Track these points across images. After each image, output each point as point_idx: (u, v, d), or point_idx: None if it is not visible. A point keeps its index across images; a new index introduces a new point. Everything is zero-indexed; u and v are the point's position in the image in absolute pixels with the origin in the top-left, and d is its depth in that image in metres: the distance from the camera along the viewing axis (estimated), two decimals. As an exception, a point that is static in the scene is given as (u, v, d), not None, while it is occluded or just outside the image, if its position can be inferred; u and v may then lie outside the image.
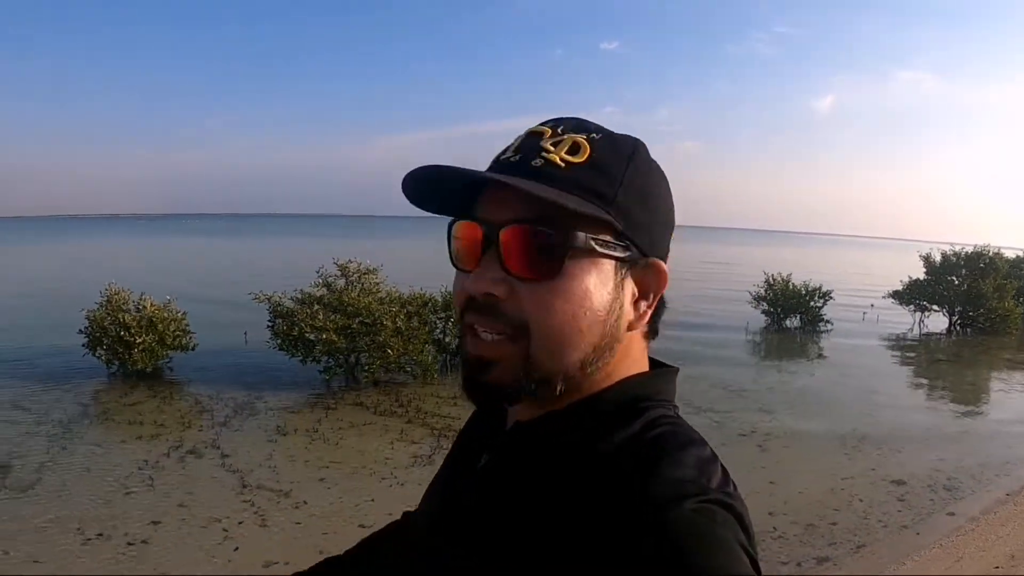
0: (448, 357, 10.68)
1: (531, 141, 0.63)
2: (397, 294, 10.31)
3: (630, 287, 0.63)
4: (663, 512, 0.50)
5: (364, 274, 10.39)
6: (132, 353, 9.37)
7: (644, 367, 0.67)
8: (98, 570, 5.12)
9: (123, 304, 9.80)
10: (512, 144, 0.64)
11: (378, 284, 10.37)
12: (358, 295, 9.78)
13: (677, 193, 0.68)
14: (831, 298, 16.36)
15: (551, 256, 0.58)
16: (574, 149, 0.61)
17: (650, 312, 0.66)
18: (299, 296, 10.03)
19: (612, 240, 0.60)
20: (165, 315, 9.69)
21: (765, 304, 16.58)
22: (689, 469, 0.55)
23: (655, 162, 0.66)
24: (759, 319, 17.02)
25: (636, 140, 0.66)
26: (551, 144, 0.61)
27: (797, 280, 16.73)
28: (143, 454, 7.27)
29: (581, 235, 0.58)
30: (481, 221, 0.61)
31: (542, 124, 0.65)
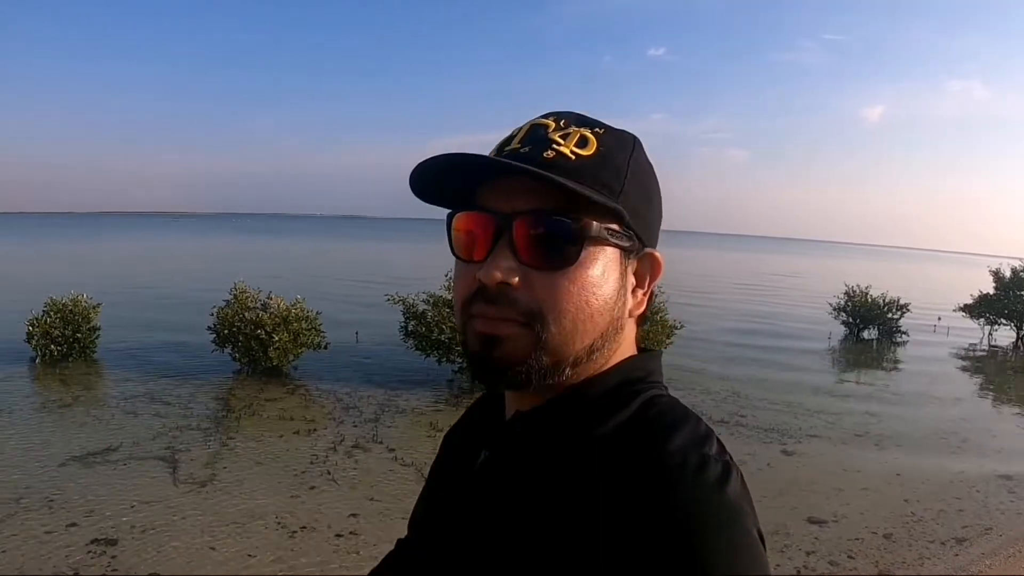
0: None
1: (538, 132, 0.63)
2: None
3: (631, 276, 0.66)
4: (672, 485, 0.52)
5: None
6: (268, 351, 9.09)
7: (634, 351, 0.68)
8: (324, 561, 4.69)
9: (250, 302, 9.55)
10: (516, 134, 0.65)
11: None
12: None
13: (725, 201, 0.54)
14: (908, 310, 16.39)
15: (567, 245, 0.60)
16: (582, 142, 0.62)
17: (646, 300, 0.68)
18: (429, 298, 9.69)
19: (620, 230, 0.62)
20: (298, 313, 9.39)
21: (844, 315, 16.61)
22: (690, 441, 0.56)
23: (647, 157, 0.68)
24: (838, 330, 16.75)
25: (634, 136, 0.67)
26: (559, 136, 0.62)
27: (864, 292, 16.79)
28: (308, 448, 6.86)
29: (595, 224, 0.60)
30: (491, 211, 0.62)
31: (544, 116, 0.65)
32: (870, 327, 16.32)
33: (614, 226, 0.61)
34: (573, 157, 0.61)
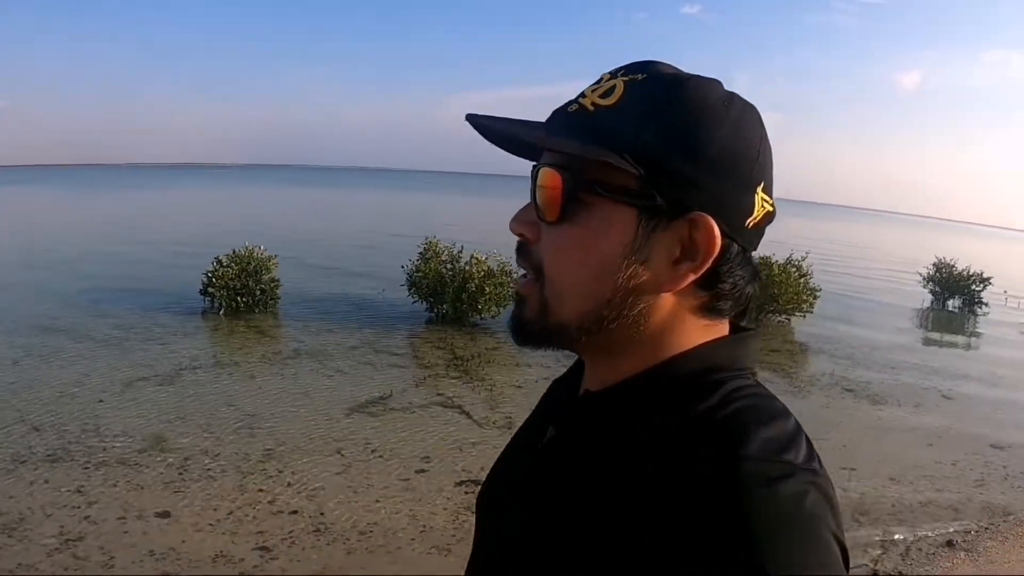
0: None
1: (590, 86, 0.60)
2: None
3: (666, 244, 0.55)
4: (746, 496, 0.46)
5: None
6: (478, 303, 8.96)
7: (708, 335, 0.59)
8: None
9: (440, 255, 9.41)
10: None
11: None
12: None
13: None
14: (991, 283, 16.44)
15: (564, 200, 0.56)
16: (608, 92, 0.57)
17: (693, 276, 0.55)
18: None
19: (633, 187, 0.54)
20: (503, 268, 9.18)
21: (933, 284, 16.82)
22: (772, 445, 0.50)
23: (727, 103, 0.56)
24: (918, 302, 16.61)
25: (697, 78, 0.57)
26: (592, 89, 0.59)
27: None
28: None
29: (588, 180, 0.55)
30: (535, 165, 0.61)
31: (611, 71, 0.60)
32: (955, 297, 16.55)
33: (623, 183, 0.54)
34: (591, 109, 0.57)
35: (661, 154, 0.53)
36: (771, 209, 0.58)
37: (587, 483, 0.54)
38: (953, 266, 16.89)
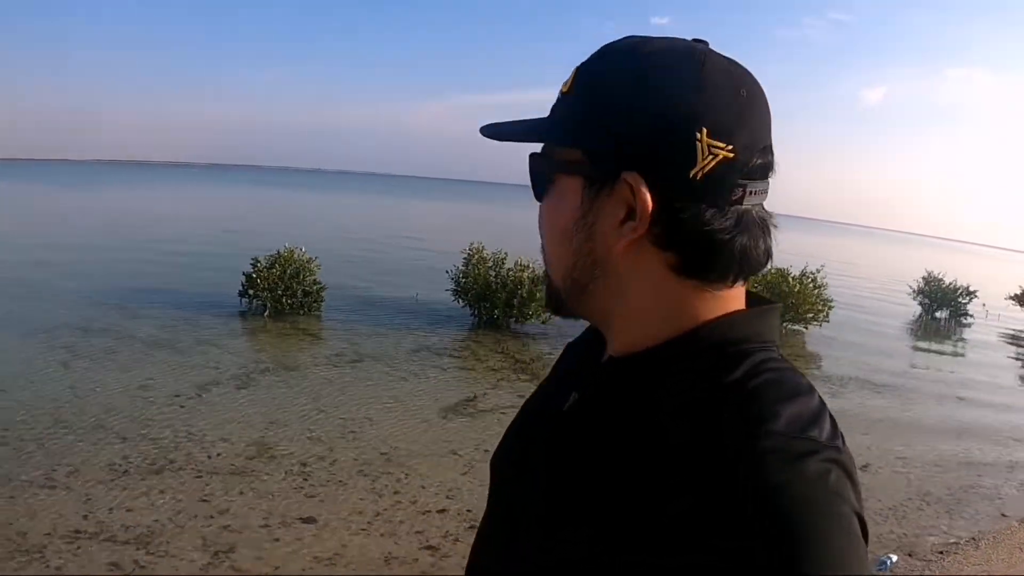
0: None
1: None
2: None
3: (611, 208, 0.56)
4: (771, 471, 0.46)
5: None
6: (526, 309, 9.03)
7: (720, 306, 0.57)
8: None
9: (484, 262, 9.42)
10: None
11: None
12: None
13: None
14: (976, 296, 17.34)
15: (535, 180, 0.62)
16: (568, 81, 0.60)
17: (634, 235, 0.55)
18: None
19: (577, 159, 0.58)
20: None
21: (922, 297, 17.59)
22: (798, 421, 0.49)
23: (650, 56, 0.55)
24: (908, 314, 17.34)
25: (629, 41, 0.58)
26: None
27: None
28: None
29: (546, 159, 0.61)
30: None
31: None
32: (942, 308, 17.40)
33: (571, 156, 0.58)
34: (558, 98, 0.60)
35: (591, 125, 0.56)
36: (728, 155, 0.53)
37: (610, 449, 0.54)
38: (941, 280, 17.76)
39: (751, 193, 0.55)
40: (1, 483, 4.16)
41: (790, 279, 10.96)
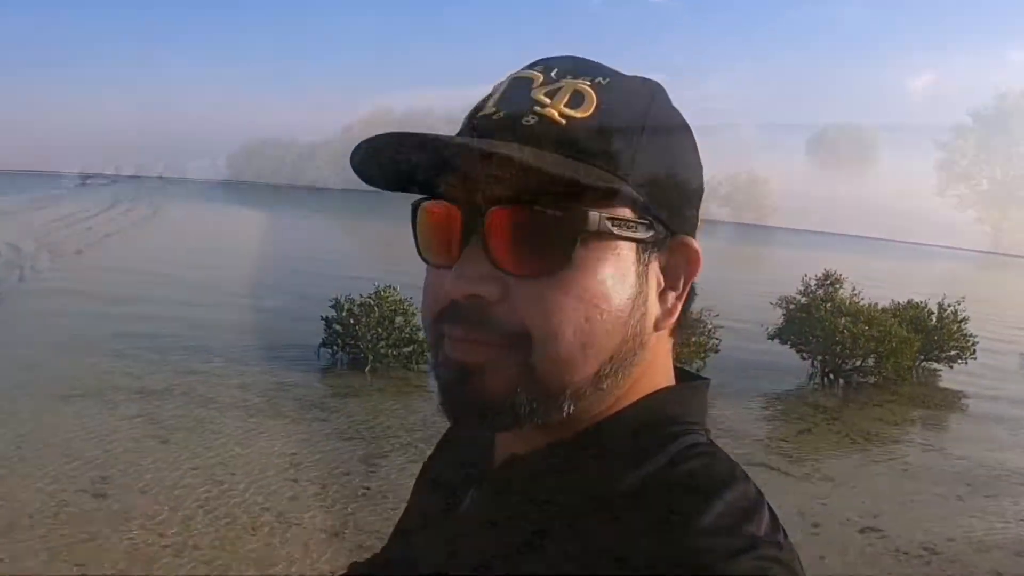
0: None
1: (519, 90, 0.48)
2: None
3: (655, 275, 0.50)
4: (705, 563, 0.41)
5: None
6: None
7: (670, 378, 0.53)
8: None
9: None
10: (493, 94, 0.49)
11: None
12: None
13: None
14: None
15: (557, 243, 0.45)
16: (576, 100, 0.47)
17: (680, 305, 0.51)
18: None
19: (632, 218, 0.47)
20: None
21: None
22: (732, 514, 0.44)
23: (677, 111, 0.52)
24: None
25: (654, 84, 0.52)
26: (545, 94, 0.47)
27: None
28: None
29: (595, 215, 0.45)
30: (458, 201, 0.47)
31: (530, 66, 0.50)
32: None
33: (623, 213, 0.46)
34: (563, 121, 0.46)
35: (654, 175, 0.48)
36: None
37: (526, 550, 0.46)
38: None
39: None
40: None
41: (926, 311, 10.13)
